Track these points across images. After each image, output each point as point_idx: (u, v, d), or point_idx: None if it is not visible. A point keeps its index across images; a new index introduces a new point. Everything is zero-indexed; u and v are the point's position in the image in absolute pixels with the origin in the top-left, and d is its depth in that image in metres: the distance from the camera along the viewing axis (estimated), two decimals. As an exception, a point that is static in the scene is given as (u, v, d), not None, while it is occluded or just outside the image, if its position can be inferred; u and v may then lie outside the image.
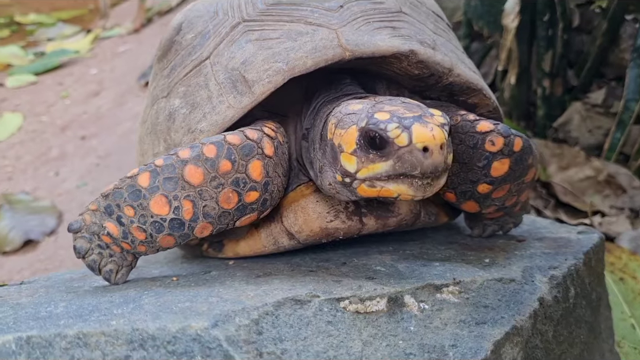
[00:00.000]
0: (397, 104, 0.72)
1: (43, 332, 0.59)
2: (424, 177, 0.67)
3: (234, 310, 0.62)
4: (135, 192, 0.76)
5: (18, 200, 2.17)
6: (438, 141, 0.65)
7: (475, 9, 2.11)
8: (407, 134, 0.66)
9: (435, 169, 0.66)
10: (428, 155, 0.65)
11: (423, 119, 0.67)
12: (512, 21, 1.86)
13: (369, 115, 0.70)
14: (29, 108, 3.16)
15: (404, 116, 0.67)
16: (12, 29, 5.04)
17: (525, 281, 0.75)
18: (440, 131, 0.66)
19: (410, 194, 0.69)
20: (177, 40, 0.93)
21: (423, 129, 0.65)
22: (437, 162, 0.66)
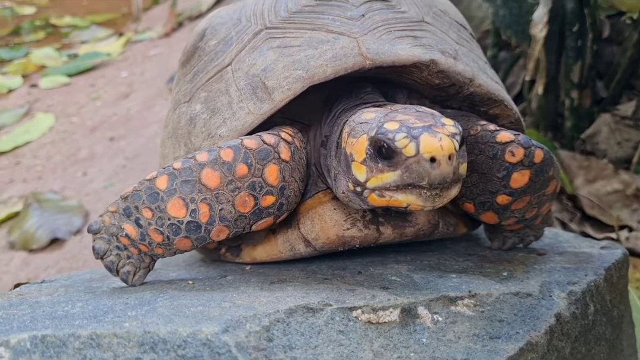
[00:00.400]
0: (411, 112, 0.71)
1: (58, 331, 0.60)
2: (432, 188, 0.66)
3: (246, 316, 0.63)
4: (154, 194, 0.77)
5: (46, 199, 2.21)
6: (446, 151, 0.65)
7: (504, 18, 2.09)
8: (414, 144, 0.65)
9: (444, 179, 0.66)
10: (435, 166, 0.65)
11: (432, 128, 0.66)
12: (540, 31, 1.84)
13: (379, 125, 0.70)
14: (61, 109, 3.22)
15: (413, 126, 0.67)
16: (48, 31, 5.15)
17: (543, 296, 0.74)
18: (449, 141, 0.65)
19: (420, 204, 0.68)
20: (201, 46, 0.95)
21: (431, 139, 0.65)
22: (445, 172, 0.65)
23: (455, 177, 0.67)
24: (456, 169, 0.67)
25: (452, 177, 0.66)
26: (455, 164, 0.66)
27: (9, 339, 0.59)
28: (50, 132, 2.97)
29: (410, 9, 0.91)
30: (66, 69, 3.87)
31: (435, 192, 0.67)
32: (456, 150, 0.66)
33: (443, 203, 0.69)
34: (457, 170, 0.67)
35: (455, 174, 0.67)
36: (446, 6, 0.98)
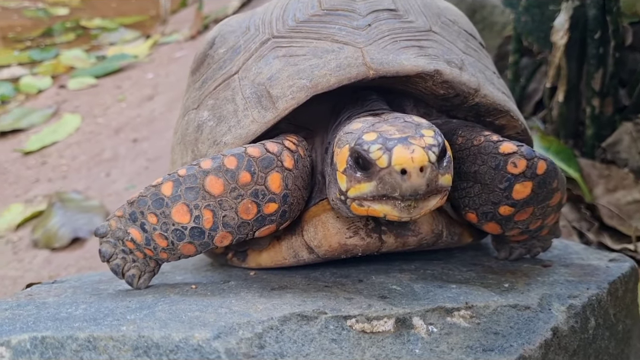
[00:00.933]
0: (397, 123, 0.72)
1: (57, 333, 0.62)
2: (404, 200, 0.67)
3: (239, 322, 0.64)
4: (159, 200, 0.79)
5: (70, 198, 2.26)
6: (417, 164, 0.65)
7: (525, 24, 2.07)
8: (387, 155, 0.66)
9: (415, 191, 0.66)
10: (406, 178, 0.65)
11: (409, 140, 0.67)
12: (562, 38, 1.82)
13: (359, 136, 0.71)
14: (87, 110, 3.29)
15: (390, 137, 0.68)
16: (78, 33, 5.26)
17: (541, 309, 0.74)
18: (421, 153, 0.65)
19: (395, 214, 0.69)
20: (210, 54, 0.96)
21: (403, 151, 0.65)
22: (416, 185, 0.65)
23: (431, 189, 0.67)
24: (431, 181, 0.66)
25: (424, 189, 0.66)
26: (430, 176, 0.66)
27: (10, 339, 0.61)
28: (76, 132, 3.04)
29: (418, 18, 0.91)
30: (94, 71, 3.95)
31: (408, 204, 0.67)
32: (432, 162, 0.66)
33: (420, 214, 0.69)
34: (434, 182, 0.67)
35: (430, 186, 0.66)
36: (455, 15, 0.98)
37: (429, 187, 0.66)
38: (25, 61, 4.46)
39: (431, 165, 0.66)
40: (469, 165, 0.83)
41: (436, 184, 0.67)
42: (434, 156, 0.66)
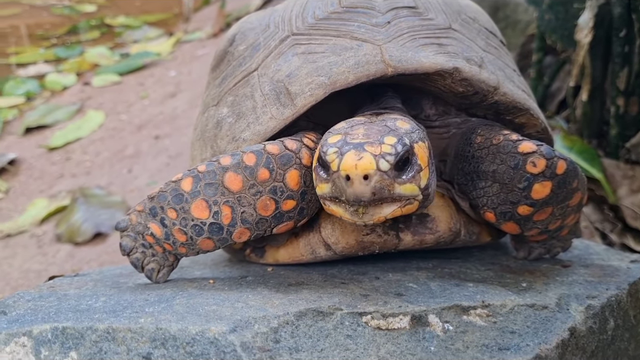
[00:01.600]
0: (373, 127, 0.72)
1: (77, 324, 0.63)
2: (351, 204, 0.67)
3: (255, 317, 0.64)
4: (178, 195, 0.79)
5: (93, 194, 2.29)
6: (360, 171, 0.65)
7: (549, 22, 2.05)
8: (338, 160, 0.67)
9: (357, 198, 0.66)
10: (349, 184, 0.65)
11: (364, 146, 0.67)
12: (586, 36, 1.80)
13: (326, 137, 0.72)
14: (111, 107, 3.33)
15: (351, 141, 0.68)
16: (102, 31, 5.33)
17: (559, 309, 0.73)
18: (368, 162, 0.65)
19: (347, 217, 0.69)
20: (230, 51, 0.97)
21: (350, 157, 0.66)
22: (358, 192, 0.65)
23: (380, 197, 0.67)
24: (379, 190, 0.66)
25: (368, 197, 0.66)
26: (377, 185, 0.66)
27: (32, 329, 0.62)
28: (99, 129, 3.08)
29: (438, 16, 0.91)
30: (118, 68, 3.99)
31: (356, 209, 0.68)
32: (382, 170, 0.66)
33: (373, 220, 0.69)
34: (384, 191, 0.66)
35: (378, 194, 0.66)
36: (476, 13, 0.98)
37: (376, 196, 0.66)
38: (51, 58, 4.53)
39: (380, 173, 0.66)
40: (487, 164, 0.83)
41: (390, 193, 0.67)
42: (387, 165, 0.66)
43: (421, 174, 0.70)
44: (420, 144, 0.72)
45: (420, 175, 0.70)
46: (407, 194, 0.69)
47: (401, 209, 0.69)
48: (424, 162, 0.71)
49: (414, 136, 0.72)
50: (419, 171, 0.70)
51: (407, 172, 0.69)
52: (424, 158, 0.71)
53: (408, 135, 0.71)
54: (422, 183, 0.71)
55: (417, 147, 0.71)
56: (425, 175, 0.71)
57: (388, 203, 0.68)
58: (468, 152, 0.86)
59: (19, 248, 2.11)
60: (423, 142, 0.73)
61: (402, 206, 0.69)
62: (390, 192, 0.67)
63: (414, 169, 0.69)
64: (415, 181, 0.69)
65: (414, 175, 0.69)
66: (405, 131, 0.72)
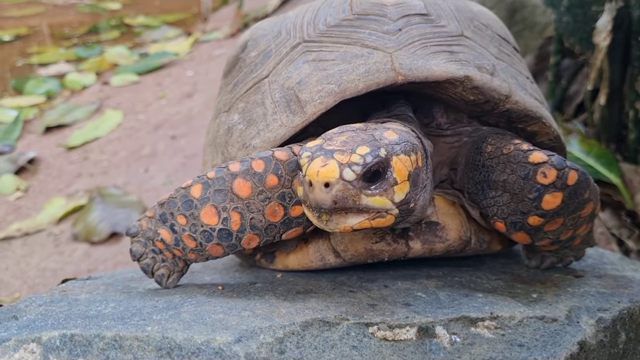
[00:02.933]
0: (357, 135, 0.70)
1: (85, 331, 0.64)
2: (314, 210, 0.67)
3: (261, 327, 0.65)
4: (188, 202, 0.80)
5: (109, 194, 2.32)
6: (320, 178, 0.64)
7: (567, 24, 2.03)
8: (307, 165, 0.66)
9: (317, 205, 0.65)
10: (311, 190, 0.65)
11: (333, 154, 0.66)
12: (604, 39, 1.77)
13: (309, 141, 0.71)
14: (129, 106, 3.36)
15: (325, 148, 0.67)
16: (122, 31, 5.38)
17: (569, 322, 0.72)
18: (330, 170, 0.64)
19: (315, 222, 0.69)
20: (242, 58, 0.97)
21: (316, 164, 0.65)
22: (319, 199, 0.65)
23: (344, 207, 0.65)
24: (341, 199, 0.65)
25: (329, 205, 0.65)
26: (339, 194, 0.64)
27: (41, 336, 0.63)
28: (117, 128, 3.10)
29: (450, 23, 0.90)
30: (136, 68, 4.03)
31: (318, 215, 0.67)
32: (346, 180, 0.64)
33: (338, 229, 0.67)
34: (348, 201, 0.65)
35: (340, 203, 0.65)
36: (489, 19, 0.97)
37: (338, 204, 0.65)
38: (72, 58, 4.58)
39: (344, 182, 0.64)
40: (498, 174, 0.82)
41: (355, 203, 0.66)
42: (352, 175, 0.65)
43: (395, 187, 0.68)
44: (403, 157, 0.70)
45: (394, 189, 0.68)
46: (375, 206, 0.67)
47: (370, 221, 0.67)
48: (401, 175, 0.69)
49: (396, 148, 0.69)
50: (393, 185, 0.68)
51: (378, 184, 0.67)
52: (402, 172, 0.69)
53: (389, 147, 0.69)
54: (397, 197, 0.68)
55: (397, 159, 0.69)
56: (402, 189, 0.69)
57: (354, 213, 0.67)
58: (479, 161, 0.85)
59: (36, 246, 2.14)
60: (408, 155, 0.70)
61: (371, 219, 0.67)
62: (356, 203, 0.65)
63: (388, 182, 0.67)
64: (386, 194, 0.67)
65: (385, 189, 0.67)
66: (388, 142, 0.70)
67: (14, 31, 5.68)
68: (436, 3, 0.93)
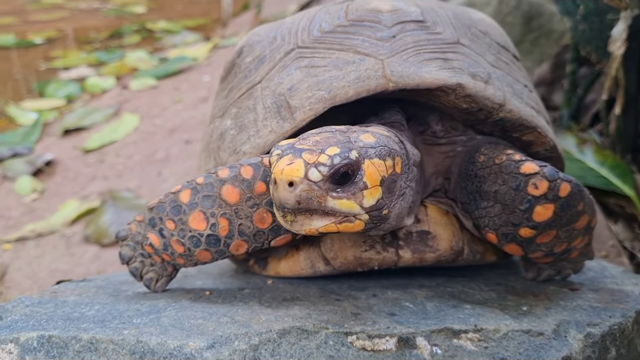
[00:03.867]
0: (333, 136, 0.69)
1: (63, 333, 0.64)
2: (279, 209, 0.65)
3: (237, 333, 0.64)
4: (177, 207, 0.80)
5: (121, 197, 2.34)
6: (284, 177, 0.63)
7: (583, 33, 1.99)
8: (275, 163, 0.65)
9: (281, 204, 0.64)
10: (275, 188, 0.64)
11: (301, 153, 0.64)
12: (619, 48, 1.74)
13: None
14: (146, 110, 3.39)
15: (294, 146, 0.66)
16: (143, 35, 5.45)
17: (555, 336, 0.71)
18: (294, 169, 0.63)
19: (282, 223, 0.67)
20: (237, 63, 0.97)
21: (282, 162, 0.64)
22: (282, 197, 0.63)
23: (308, 208, 0.63)
24: (306, 200, 0.63)
25: (292, 205, 0.63)
26: (303, 194, 0.63)
27: (19, 337, 0.63)
28: (134, 132, 3.13)
29: (446, 30, 0.89)
30: (155, 72, 4.07)
31: (283, 214, 0.65)
32: (310, 180, 0.62)
33: (304, 231, 0.65)
34: (313, 202, 0.63)
35: (304, 204, 0.63)
36: (488, 27, 0.95)
37: (301, 205, 0.63)
38: (93, 62, 4.65)
39: (308, 183, 0.62)
40: (489, 184, 0.81)
41: (321, 205, 0.64)
42: (317, 175, 0.63)
43: (365, 192, 0.66)
44: (376, 161, 0.67)
45: (363, 194, 0.66)
46: (343, 209, 0.65)
47: (336, 225, 0.65)
48: (372, 180, 0.66)
49: (370, 152, 0.67)
50: (363, 189, 0.66)
51: (346, 187, 0.65)
52: (374, 176, 0.67)
53: (362, 150, 0.67)
54: (367, 202, 0.66)
55: (369, 163, 0.66)
56: (372, 194, 0.67)
57: (319, 215, 0.65)
58: (471, 170, 0.84)
59: (48, 248, 2.16)
60: (382, 159, 0.68)
61: (338, 222, 0.65)
62: (321, 205, 0.64)
63: (357, 186, 0.65)
64: (355, 198, 0.65)
65: (354, 192, 0.65)
66: (363, 145, 0.68)
67: (45, 34, 5.80)
68: (433, 10, 0.92)
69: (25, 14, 7.11)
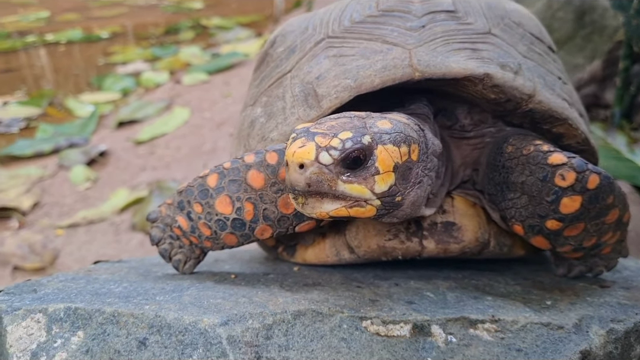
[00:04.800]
0: (348, 120, 0.68)
1: (88, 306, 0.67)
2: (289, 191, 0.65)
3: (252, 312, 0.66)
4: (204, 191, 0.82)
5: (168, 187, 2.41)
6: (295, 159, 0.63)
7: (637, 28, 1.92)
8: (289, 145, 0.65)
9: (292, 186, 0.64)
10: (287, 170, 0.64)
11: (315, 136, 0.64)
12: (672, 44, 1.67)
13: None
14: (196, 104, 3.47)
15: (310, 130, 0.66)
16: (197, 32, 5.58)
17: (576, 330, 0.69)
18: (306, 151, 0.63)
19: (294, 205, 0.67)
20: (270, 53, 0.99)
21: (295, 144, 0.64)
22: (293, 179, 0.63)
23: (318, 190, 0.63)
24: (316, 182, 0.63)
25: (302, 187, 0.63)
26: (313, 176, 0.62)
27: (47, 307, 0.67)
28: (184, 125, 3.22)
29: (478, 20, 0.88)
30: (207, 67, 4.16)
31: (295, 197, 0.65)
32: (322, 163, 0.62)
33: (315, 214, 0.65)
34: (323, 185, 0.63)
35: (314, 186, 0.63)
36: (522, 17, 0.94)
37: (312, 187, 0.63)
38: (149, 57, 4.79)
39: (319, 165, 0.62)
40: (517, 175, 0.80)
41: (331, 188, 0.63)
42: (328, 159, 0.63)
43: (377, 177, 0.65)
44: (390, 147, 0.67)
45: (375, 179, 0.65)
46: (353, 194, 0.65)
47: (347, 209, 0.65)
48: (384, 166, 0.66)
49: (384, 137, 0.67)
50: (375, 174, 0.65)
51: (358, 171, 0.65)
52: (387, 162, 0.66)
53: (376, 135, 0.66)
54: (378, 188, 0.66)
55: (382, 149, 0.66)
56: (384, 180, 0.66)
57: (330, 199, 0.65)
58: (499, 161, 0.83)
59: (98, 234, 2.25)
60: (397, 146, 0.67)
61: (349, 207, 0.65)
62: (332, 188, 0.64)
63: (368, 171, 0.65)
64: (366, 183, 0.65)
65: (365, 177, 0.65)
66: (378, 131, 0.67)
67: (109, 29, 6.02)
68: (466, 0, 0.91)
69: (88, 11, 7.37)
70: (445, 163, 0.87)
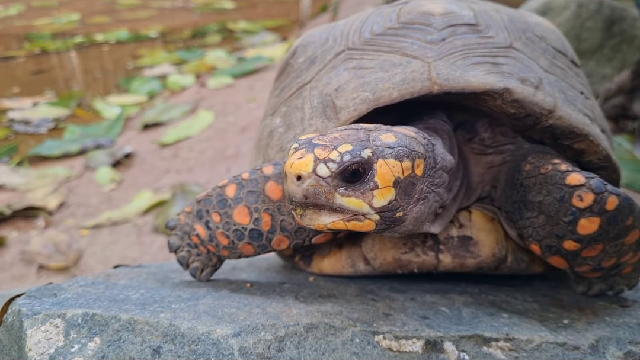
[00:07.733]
0: (352, 132, 0.68)
1: (106, 312, 0.68)
2: (289, 202, 0.65)
3: (265, 324, 0.66)
4: (223, 200, 0.83)
5: (190, 190, 2.43)
6: (293, 170, 0.62)
7: (667, 39, 1.89)
8: (289, 156, 0.65)
9: (289, 197, 0.64)
10: (285, 181, 0.64)
11: (315, 148, 0.64)
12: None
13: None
14: (221, 108, 3.51)
15: (312, 141, 0.65)
16: (224, 35, 5.63)
17: (592, 351, 0.68)
18: (304, 163, 0.62)
19: (294, 216, 0.67)
20: (291, 63, 1.00)
21: (295, 155, 0.64)
22: (290, 190, 0.63)
23: (315, 203, 0.63)
24: (313, 194, 0.62)
25: (299, 199, 0.63)
26: (310, 188, 0.62)
27: (66, 312, 0.68)
28: (208, 128, 3.25)
29: (499, 33, 0.88)
30: (232, 71, 4.19)
31: (293, 207, 0.65)
32: (318, 175, 0.62)
33: (313, 226, 0.65)
34: (320, 197, 0.62)
35: (311, 198, 0.62)
36: (545, 31, 0.93)
37: (309, 199, 0.63)
38: (175, 60, 4.85)
39: (316, 178, 0.62)
40: (534, 194, 0.79)
41: (328, 201, 0.63)
42: (326, 171, 0.62)
43: (375, 192, 0.64)
44: (391, 161, 0.65)
45: (373, 193, 0.64)
46: (350, 207, 0.64)
47: (345, 222, 0.64)
48: (384, 180, 0.65)
49: (386, 152, 0.66)
50: (373, 188, 0.64)
51: (356, 185, 0.64)
52: (386, 176, 0.65)
53: (378, 149, 0.65)
54: (377, 202, 0.65)
55: (383, 163, 0.65)
56: (384, 195, 0.65)
57: (328, 211, 0.64)
58: (517, 179, 0.82)
59: (121, 235, 2.28)
60: (399, 160, 0.66)
61: (346, 220, 0.64)
62: (329, 201, 0.63)
63: (367, 185, 0.64)
64: (364, 197, 0.64)
65: (363, 191, 0.64)
66: (380, 144, 0.66)
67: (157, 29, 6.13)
68: (488, 13, 0.91)
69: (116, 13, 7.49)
70: (462, 178, 0.86)
